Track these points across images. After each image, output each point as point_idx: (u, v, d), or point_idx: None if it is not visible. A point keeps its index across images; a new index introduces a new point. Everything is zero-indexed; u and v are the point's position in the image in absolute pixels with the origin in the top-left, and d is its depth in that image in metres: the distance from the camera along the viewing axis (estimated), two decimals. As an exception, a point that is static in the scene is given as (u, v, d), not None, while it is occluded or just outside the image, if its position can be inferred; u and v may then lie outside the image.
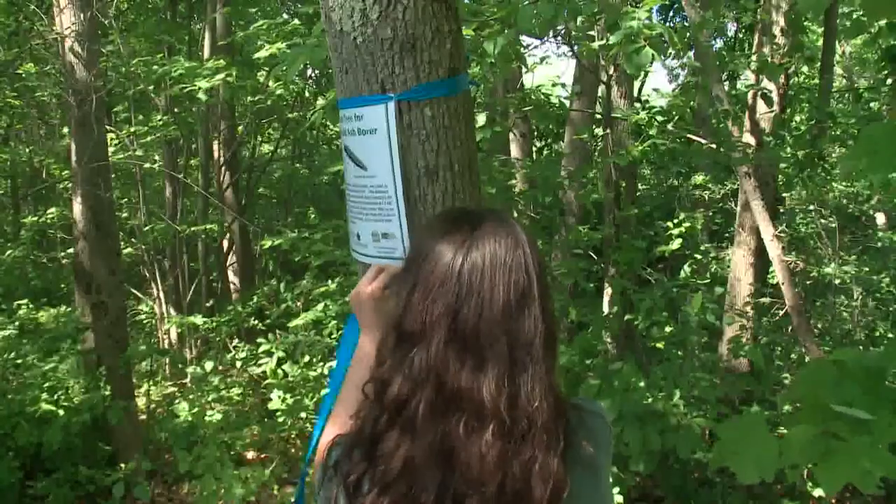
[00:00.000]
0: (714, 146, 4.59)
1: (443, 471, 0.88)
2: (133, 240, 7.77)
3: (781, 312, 5.23)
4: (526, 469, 0.88)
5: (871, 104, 7.72)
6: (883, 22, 4.85)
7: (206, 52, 7.41)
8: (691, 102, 4.78)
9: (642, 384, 3.41)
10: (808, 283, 6.40)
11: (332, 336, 5.45)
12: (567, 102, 6.61)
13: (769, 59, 4.90)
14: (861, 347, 5.65)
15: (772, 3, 5.25)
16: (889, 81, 4.43)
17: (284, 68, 2.73)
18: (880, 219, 8.96)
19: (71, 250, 6.57)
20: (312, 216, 8.12)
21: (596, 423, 1.01)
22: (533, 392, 0.90)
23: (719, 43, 9.81)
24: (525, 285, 0.93)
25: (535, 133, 9.38)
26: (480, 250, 0.93)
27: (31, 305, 6.67)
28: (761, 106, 5.33)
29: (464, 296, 0.91)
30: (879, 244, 7.83)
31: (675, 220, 6.99)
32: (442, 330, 0.90)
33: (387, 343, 0.96)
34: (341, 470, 0.94)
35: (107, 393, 5.02)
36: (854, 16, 5.84)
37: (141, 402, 6.00)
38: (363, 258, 1.41)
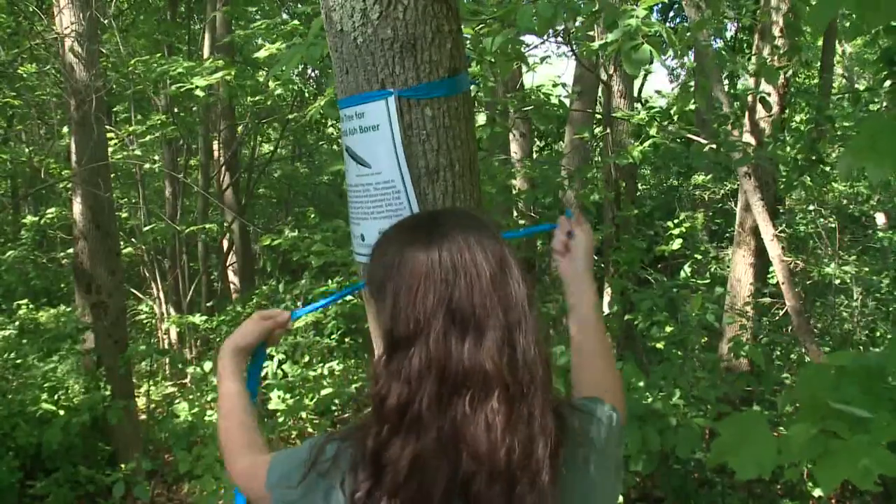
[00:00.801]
0: (714, 146, 4.59)
1: (450, 457, 0.89)
2: (133, 240, 7.77)
3: (781, 312, 5.23)
4: (529, 428, 0.91)
5: (871, 106, 7.72)
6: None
7: (206, 52, 7.42)
8: (691, 102, 4.77)
9: (642, 384, 3.41)
10: (808, 283, 6.40)
11: (332, 336, 5.46)
12: (567, 102, 6.61)
13: (768, 61, 4.89)
14: (861, 347, 5.65)
15: (771, 5, 5.25)
16: (887, 84, 4.43)
17: (282, 67, 2.72)
18: (880, 219, 8.96)
19: (71, 250, 6.56)
20: (312, 216, 8.12)
21: (586, 421, 1.03)
22: (529, 348, 0.93)
23: (719, 43, 9.81)
24: (501, 253, 0.97)
25: (535, 133, 9.38)
26: (450, 236, 0.97)
27: (31, 305, 6.67)
28: (760, 108, 5.33)
29: (452, 279, 0.93)
30: (879, 244, 7.82)
31: (675, 220, 6.99)
32: (439, 318, 0.92)
33: (379, 361, 0.96)
34: (348, 484, 0.93)
35: (107, 393, 5.02)
36: (854, 16, 5.83)
37: (141, 402, 6.00)
38: (367, 259, 1.41)
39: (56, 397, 4.97)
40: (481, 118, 5.65)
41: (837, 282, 6.23)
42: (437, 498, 0.88)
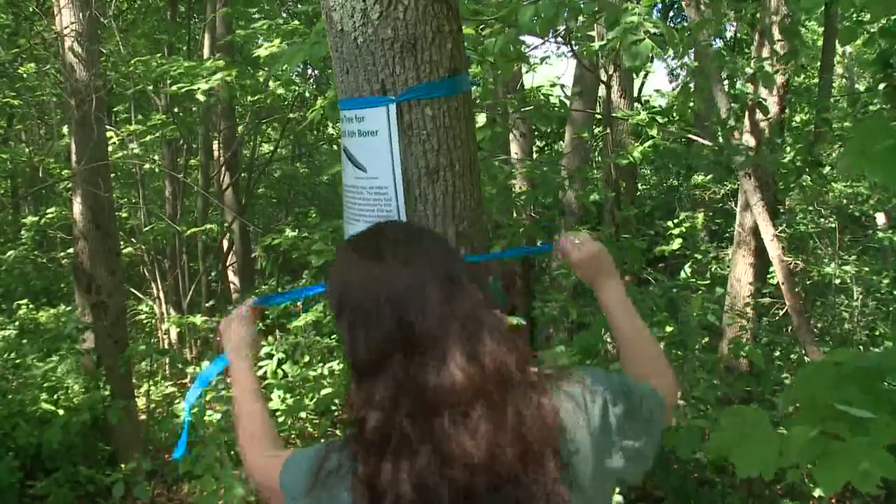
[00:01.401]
0: (714, 146, 4.59)
1: (448, 474, 0.89)
2: (133, 240, 7.77)
3: (781, 312, 5.23)
4: (518, 426, 0.91)
5: (870, 107, 7.72)
6: (879, 23, 4.84)
7: (206, 52, 7.42)
8: (690, 103, 4.77)
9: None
10: (808, 283, 6.40)
11: (332, 336, 5.45)
12: (567, 102, 6.61)
13: (766, 63, 4.89)
14: (861, 347, 5.65)
15: (770, 8, 5.25)
16: (881, 86, 4.45)
17: (284, 66, 2.73)
18: (880, 219, 8.96)
19: (71, 250, 6.56)
20: (313, 215, 8.12)
21: (572, 387, 1.03)
22: (496, 354, 0.93)
23: (719, 43, 9.80)
24: (447, 267, 0.98)
25: (535, 133, 9.38)
26: (394, 261, 0.98)
27: (31, 305, 6.66)
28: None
29: (401, 306, 0.93)
30: (879, 244, 7.82)
31: (675, 220, 6.99)
32: (396, 345, 0.92)
33: (351, 385, 0.98)
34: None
35: (107, 393, 5.02)
36: (853, 17, 5.83)
37: (141, 402, 6.00)
38: None
39: (56, 397, 4.97)
40: (481, 118, 5.65)
41: (837, 282, 6.23)
42: None
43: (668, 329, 4.55)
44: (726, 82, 6.04)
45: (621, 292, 1.33)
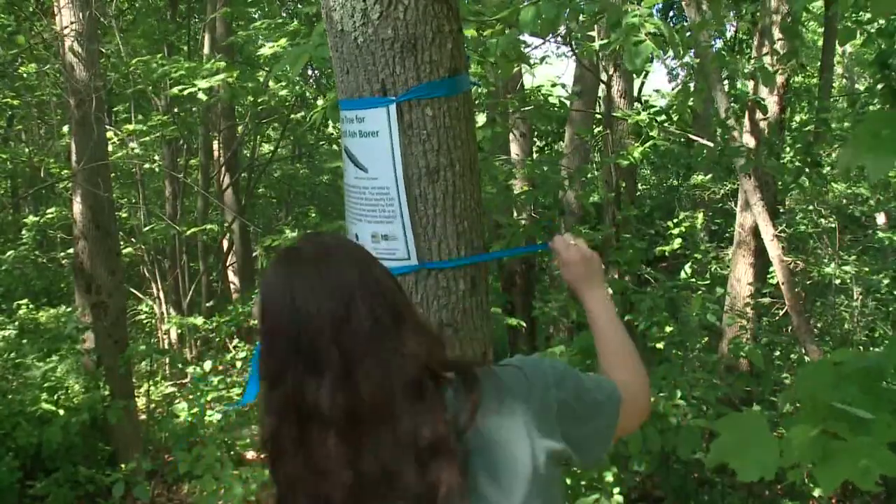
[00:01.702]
0: (715, 147, 4.59)
1: (314, 484, 0.97)
2: (133, 240, 7.77)
3: (781, 313, 5.23)
4: (380, 454, 0.95)
5: (870, 107, 7.72)
6: (878, 23, 4.85)
7: (206, 52, 7.42)
8: (690, 102, 4.77)
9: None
10: (808, 283, 6.40)
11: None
12: (567, 102, 6.61)
13: (766, 63, 4.88)
14: (861, 347, 5.65)
15: (770, 8, 5.25)
16: (879, 87, 4.46)
17: (286, 67, 2.72)
18: (880, 219, 8.96)
19: (71, 250, 6.56)
20: (313, 215, 8.12)
21: (506, 373, 1.06)
22: (371, 380, 0.97)
23: (719, 43, 9.80)
24: (349, 287, 1.00)
25: (535, 133, 9.38)
26: (302, 281, 1.01)
27: (31, 305, 6.66)
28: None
29: (300, 326, 0.99)
30: (879, 244, 7.83)
31: (675, 220, 6.99)
32: (292, 364, 0.99)
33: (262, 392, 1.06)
34: None
35: (106, 393, 5.02)
36: (853, 17, 5.84)
37: (141, 402, 6.00)
38: None
39: (56, 397, 4.97)
40: (481, 119, 5.65)
41: (837, 282, 6.23)
42: None
43: (668, 329, 4.55)
44: (726, 82, 6.05)
45: (606, 299, 1.36)
